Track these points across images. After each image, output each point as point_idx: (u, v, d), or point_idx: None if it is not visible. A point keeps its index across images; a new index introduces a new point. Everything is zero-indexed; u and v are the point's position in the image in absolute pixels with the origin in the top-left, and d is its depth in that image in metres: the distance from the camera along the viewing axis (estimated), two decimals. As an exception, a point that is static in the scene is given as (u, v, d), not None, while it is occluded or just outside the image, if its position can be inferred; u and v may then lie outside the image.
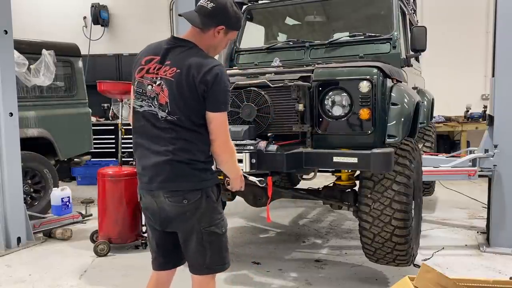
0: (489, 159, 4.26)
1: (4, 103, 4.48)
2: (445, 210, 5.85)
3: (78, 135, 6.38)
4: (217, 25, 2.17)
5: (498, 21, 4.24)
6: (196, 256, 2.23)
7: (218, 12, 2.16)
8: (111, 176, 4.39)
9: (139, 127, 2.23)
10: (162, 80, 2.12)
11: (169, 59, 2.14)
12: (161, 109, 2.12)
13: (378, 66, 3.21)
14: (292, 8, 4.86)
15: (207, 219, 2.19)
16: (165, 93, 2.11)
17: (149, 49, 2.25)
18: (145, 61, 2.20)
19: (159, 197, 2.17)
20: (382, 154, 3.01)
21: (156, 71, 2.15)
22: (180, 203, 2.14)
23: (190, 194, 2.14)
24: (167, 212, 2.19)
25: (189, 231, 2.20)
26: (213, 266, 2.25)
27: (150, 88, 2.16)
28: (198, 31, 2.19)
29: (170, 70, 2.11)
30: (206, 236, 2.20)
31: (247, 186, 3.93)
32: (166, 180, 2.14)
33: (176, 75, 2.09)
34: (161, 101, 2.12)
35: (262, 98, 3.41)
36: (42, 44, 5.83)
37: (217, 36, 2.20)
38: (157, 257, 2.39)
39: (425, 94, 5.71)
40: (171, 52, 2.15)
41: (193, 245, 2.21)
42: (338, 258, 4.17)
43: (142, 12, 10.02)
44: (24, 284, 3.75)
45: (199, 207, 2.16)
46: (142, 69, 2.20)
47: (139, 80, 2.20)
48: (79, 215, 5.43)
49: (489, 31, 8.06)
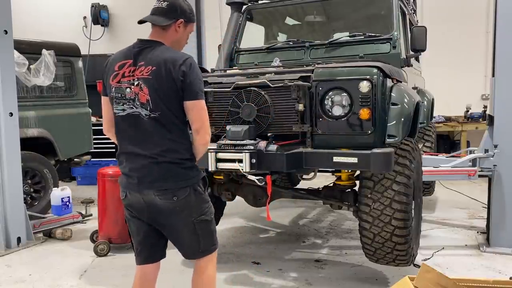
0: (489, 159, 4.26)
1: (4, 103, 4.49)
2: (445, 210, 5.85)
3: (78, 135, 6.38)
4: (176, 20, 2.32)
5: (498, 21, 4.24)
6: (191, 245, 2.38)
7: (174, 8, 2.32)
8: (111, 176, 4.39)
9: (122, 130, 2.32)
10: (140, 80, 2.22)
11: (141, 60, 2.25)
12: (143, 107, 2.22)
13: (378, 66, 3.20)
14: (292, 8, 4.86)
15: (197, 210, 2.33)
16: (145, 91, 2.21)
17: (120, 55, 2.35)
18: (118, 67, 2.30)
19: (149, 195, 2.26)
20: (382, 154, 3.01)
21: (132, 73, 2.25)
22: (170, 200, 2.25)
23: (179, 191, 2.25)
24: (156, 208, 2.29)
25: (181, 224, 2.33)
26: (207, 248, 2.42)
27: (129, 90, 2.24)
28: (160, 30, 2.33)
29: (145, 69, 2.22)
30: (198, 225, 2.34)
31: (247, 186, 3.96)
32: (155, 180, 2.24)
33: (153, 73, 2.20)
34: (141, 100, 2.22)
35: (262, 98, 3.41)
36: (42, 44, 5.83)
37: (178, 31, 2.35)
38: (143, 250, 2.46)
39: (425, 94, 5.71)
40: (142, 53, 2.27)
41: (187, 235, 2.35)
42: (338, 258, 4.17)
43: (142, 12, 9.77)
44: (24, 284, 3.75)
45: (188, 202, 2.28)
46: (117, 75, 2.29)
47: (116, 85, 2.28)
48: (79, 215, 5.43)
49: (489, 31, 8.06)
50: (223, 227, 5.04)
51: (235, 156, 3.13)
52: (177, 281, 3.56)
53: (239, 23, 4.76)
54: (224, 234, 4.91)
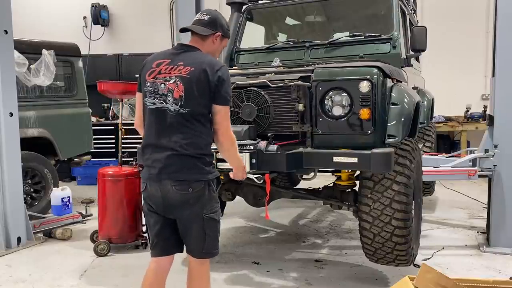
0: (489, 159, 4.26)
1: (4, 103, 4.49)
2: (445, 210, 5.85)
3: (78, 135, 6.38)
4: (215, 32, 2.56)
5: (498, 21, 4.24)
6: (196, 242, 2.50)
7: (214, 22, 2.56)
8: (111, 176, 4.39)
9: (150, 123, 2.49)
10: (177, 78, 2.42)
11: (180, 60, 2.45)
12: (174, 102, 2.40)
13: (378, 66, 3.20)
14: (292, 8, 4.86)
15: (209, 206, 2.46)
16: (180, 88, 2.40)
17: (158, 55, 2.57)
18: (156, 64, 2.50)
19: (166, 186, 2.40)
20: (382, 154, 3.02)
21: (169, 71, 2.45)
22: (186, 191, 2.39)
23: (195, 184, 2.40)
24: (171, 199, 2.42)
25: (192, 217, 2.45)
26: (210, 251, 2.54)
27: (163, 86, 2.43)
28: (199, 39, 2.55)
29: (184, 68, 2.42)
30: (207, 222, 2.47)
31: (247, 186, 3.96)
32: (175, 171, 2.40)
33: (191, 72, 2.40)
34: (175, 96, 2.41)
35: (262, 98, 3.41)
36: (42, 44, 5.83)
37: (215, 42, 2.58)
38: (159, 243, 2.58)
39: (425, 94, 5.71)
40: (181, 54, 2.49)
41: (195, 230, 2.47)
42: (338, 258, 4.17)
43: (142, 12, 10.02)
44: (24, 284, 3.75)
45: (202, 195, 2.42)
46: (153, 71, 2.49)
47: (152, 81, 2.48)
48: (79, 215, 5.43)
49: (489, 31, 8.06)
50: (223, 227, 4.99)
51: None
52: (177, 280, 3.56)
53: (239, 23, 4.77)
54: (224, 234, 4.91)
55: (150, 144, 2.48)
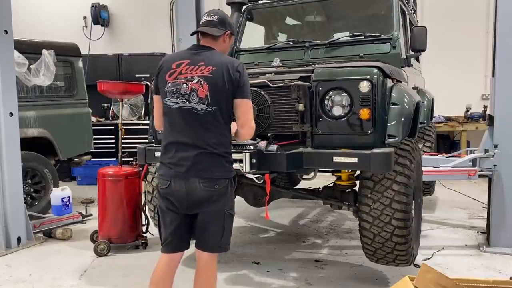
0: (489, 159, 4.26)
1: (4, 103, 4.48)
2: (445, 210, 5.85)
3: (78, 135, 6.37)
4: (226, 31, 2.65)
5: (498, 21, 4.24)
6: (214, 236, 2.58)
7: (223, 22, 2.65)
8: (111, 176, 4.38)
9: (174, 123, 2.54)
10: (201, 78, 2.48)
11: (201, 60, 2.52)
12: (201, 102, 2.47)
13: (378, 66, 3.20)
14: (292, 8, 4.86)
15: (229, 203, 2.59)
16: (205, 88, 2.47)
17: (175, 56, 2.66)
18: (175, 65, 2.56)
19: (194, 183, 2.48)
20: (382, 154, 3.01)
21: (190, 71, 2.52)
22: (212, 188, 2.49)
23: (220, 181, 2.51)
24: (196, 196, 2.49)
25: (214, 213, 2.54)
26: (224, 245, 2.63)
27: (185, 86, 2.50)
28: (211, 40, 2.62)
29: (206, 68, 2.49)
30: (227, 218, 2.58)
31: (247, 186, 3.96)
32: (204, 169, 2.48)
33: (214, 72, 2.48)
34: (200, 95, 2.48)
35: (262, 98, 3.41)
36: (42, 44, 5.83)
37: (226, 41, 2.68)
38: (173, 241, 2.64)
39: (425, 94, 5.71)
40: (200, 55, 2.56)
41: (215, 225, 2.56)
42: (338, 258, 4.17)
43: (142, 12, 10.03)
44: (24, 284, 3.75)
45: (225, 192, 2.53)
46: (174, 72, 2.55)
47: (173, 81, 2.54)
48: (79, 215, 5.43)
49: (489, 31, 8.06)
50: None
51: (235, 156, 3.11)
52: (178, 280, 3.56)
53: (239, 23, 4.77)
54: (224, 234, 4.91)
55: (174, 142, 2.53)
